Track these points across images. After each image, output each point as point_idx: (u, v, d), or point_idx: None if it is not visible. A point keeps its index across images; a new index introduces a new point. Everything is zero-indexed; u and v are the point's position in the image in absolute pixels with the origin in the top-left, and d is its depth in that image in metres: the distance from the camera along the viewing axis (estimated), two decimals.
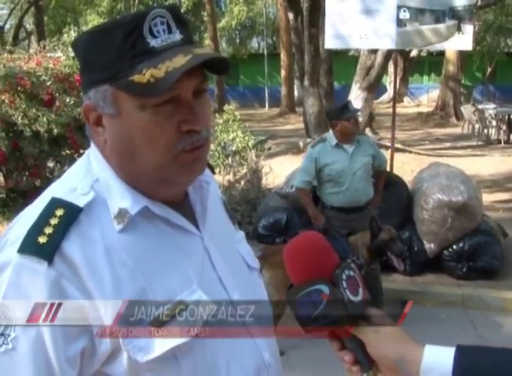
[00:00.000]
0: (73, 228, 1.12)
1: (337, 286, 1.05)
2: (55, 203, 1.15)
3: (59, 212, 1.13)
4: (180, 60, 1.10)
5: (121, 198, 1.19)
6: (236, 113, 9.32)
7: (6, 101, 7.10)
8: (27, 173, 7.82)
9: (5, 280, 1.08)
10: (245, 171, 8.82)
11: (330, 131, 5.43)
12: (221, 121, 9.03)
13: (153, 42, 1.12)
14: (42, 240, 1.09)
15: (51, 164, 7.81)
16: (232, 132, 9.04)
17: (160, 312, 1.14)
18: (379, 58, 12.39)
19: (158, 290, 1.16)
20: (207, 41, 29.93)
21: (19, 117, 7.00)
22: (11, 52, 8.24)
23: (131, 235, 1.18)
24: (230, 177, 8.82)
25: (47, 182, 7.77)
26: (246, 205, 7.82)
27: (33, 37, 18.76)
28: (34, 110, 7.05)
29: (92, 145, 1.27)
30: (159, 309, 1.15)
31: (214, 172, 1.55)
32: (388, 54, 12.18)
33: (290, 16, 14.26)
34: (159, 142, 1.15)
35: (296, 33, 14.56)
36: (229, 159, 9.03)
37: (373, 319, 1.09)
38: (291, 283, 1.11)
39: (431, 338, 4.28)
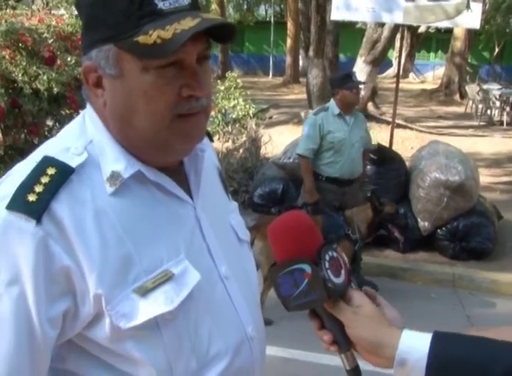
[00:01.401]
0: (64, 188, 1.11)
1: (320, 266, 1.04)
2: (47, 161, 1.13)
3: (51, 171, 1.11)
4: (188, 23, 1.08)
5: (115, 161, 1.18)
6: (239, 80, 9.27)
7: (7, 57, 7.04)
8: (25, 131, 7.80)
9: None
10: (244, 139, 8.80)
11: (332, 100, 5.43)
12: (222, 88, 8.98)
13: (160, 4, 1.10)
14: (32, 198, 1.08)
15: (50, 123, 7.78)
16: (234, 100, 9.00)
17: (145, 279, 1.15)
18: (385, 32, 12.27)
19: (145, 257, 1.16)
20: (214, 6, 29.63)
21: (20, 74, 6.95)
22: (14, 8, 8.16)
23: (123, 198, 1.17)
24: (229, 144, 8.81)
25: (45, 140, 7.76)
26: (243, 174, 7.83)
27: None
28: (34, 68, 6.99)
29: (88, 107, 1.25)
30: (144, 277, 1.15)
31: (212, 140, 1.54)
32: (395, 28, 12.06)
33: None
34: (158, 105, 1.13)
35: (304, 2, 14.40)
36: (229, 126, 9.01)
37: (354, 301, 1.08)
38: (274, 262, 1.10)
39: (420, 315, 4.36)
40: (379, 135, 9.51)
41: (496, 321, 5.03)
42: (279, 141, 9.13)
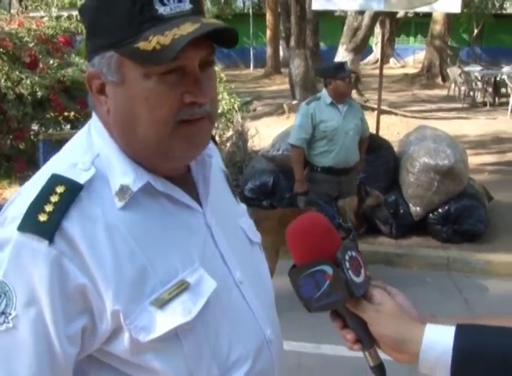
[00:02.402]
0: (74, 206, 1.10)
1: (340, 267, 1.05)
2: (55, 179, 1.12)
3: (60, 189, 1.11)
4: (188, 28, 1.07)
5: (123, 174, 1.17)
6: (222, 74, 9.23)
7: None
8: (10, 136, 7.76)
9: (6, 258, 1.07)
10: (231, 133, 8.77)
11: (324, 89, 5.42)
12: None
13: (161, 9, 1.09)
14: (43, 218, 1.07)
15: (35, 127, 7.75)
16: (218, 94, 8.96)
17: (161, 291, 1.14)
18: (366, 19, 12.29)
19: (159, 268, 1.15)
20: None
21: (2, 80, 6.92)
22: None
23: (133, 212, 1.16)
24: (216, 139, 8.78)
25: (31, 145, 7.73)
26: (232, 168, 7.79)
27: None
28: (17, 73, 6.96)
29: (94, 115, 1.24)
30: (160, 288, 1.14)
31: (216, 142, 1.53)
32: (375, 15, 12.09)
33: None
34: (160, 112, 1.12)
35: None
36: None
37: (375, 299, 1.09)
38: (294, 264, 1.11)
39: (417, 301, 4.34)
40: None
41: (493, 302, 5.09)
42: (265, 133, 9.11)
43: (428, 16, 22.39)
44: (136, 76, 1.11)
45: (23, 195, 1.14)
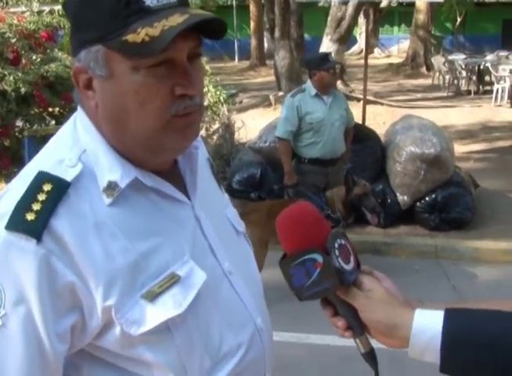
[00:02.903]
0: (62, 204, 1.09)
1: (330, 254, 1.05)
2: (42, 177, 1.11)
3: (47, 187, 1.10)
4: (177, 19, 1.06)
5: (110, 170, 1.16)
6: (207, 66, 9.21)
7: None
8: None
9: None
10: (217, 126, 8.77)
11: (308, 81, 5.43)
12: None
13: (148, 1, 1.08)
14: (30, 217, 1.06)
15: (20, 124, 7.68)
16: (204, 87, 8.94)
17: (152, 284, 1.14)
18: (350, 9, 12.27)
19: (150, 262, 1.15)
20: None
21: None
22: None
23: (121, 207, 1.15)
24: (202, 132, 8.77)
25: (16, 141, 7.67)
26: (219, 160, 7.79)
27: None
28: None
29: (80, 110, 1.22)
30: (151, 282, 1.14)
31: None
32: (359, 5, 12.07)
33: None
34: (152, 106, 1.11)
35: None
36: None
37: (365, 286, 1.09)
38: (284, 253, 1.11)
39: (406, 289, 4.36)
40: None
41: (481, 288, 5.13)
42: (252, 125, 9.11)
43: (412, 5, 22.44)
44: (125, 69, 1.10)
45: (10, 193, 1.12)
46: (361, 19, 22.48)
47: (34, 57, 7.07)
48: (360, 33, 27.61)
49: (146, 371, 1.18)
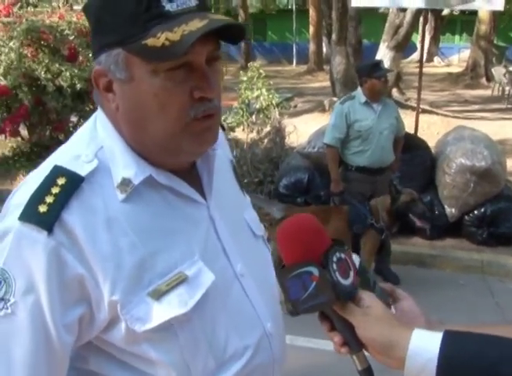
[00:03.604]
0: (74, 197, 1.12)
1: (327, 268, 1.03)
2: (57, 171, 1.15)
3: (61, 181, 1.13)
4: (196, 24, 1.08)
5: (125, 167, 1.18)
6: (261, 70, 9.21)
7: (29, 55, 7.11)
8: (50, 128, 7.88)
9: (7, 247, 1.10)
10: (268, 129, 8.77)
11: (359, 88, 5.39)
12: (245, 79, 8.95)
13: (168, 6, 1.10)
14: (43, 209, 1.09)
15: (74, 119, 7.85)
16: (257, 90, 8.95)
17: (159, 283, 1.16)
18: (408, 16, 12.10)
19: (159, 260, 1.17)
20: None
21: (43, 72, 7.02)
22: (35, 6, 8.22)
23: (134, 204, 1.17)
24: (254, 135, 8.78)
25: (70, 136, 7.85)
26: (268, 164, 7.79)
27: None
28: (57, 65, 7.06)
29: (99, 111, 1.25)
30: (158, 280, 1.16)
31: (224, 129, 1.53)
32: (418, 12, 11.89)
33: None
34: (172, 109, 1.13)
35: None
36: (253, 117, 8.97)
37: (363, 302, 1.07)
38: (283, 265, 1.10)
39: (449, 303, 4.30)
40: (405, 121, 9.35)
41: None
42: (304, 130, 9.07)
43: (474, 14, 22.00)
44: (144, 73, 1.12)
45: (26, 185, 1.16)
46: (422, 27, 22.17)
47: (90, 54, 7.21)
48: (420, 41, 27.24)
49: (150, 369, 1.19)
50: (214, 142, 1.25)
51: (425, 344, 0.99)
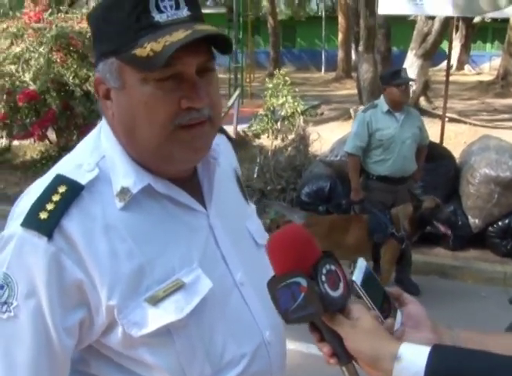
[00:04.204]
0: (74, 205, 1.16)
1: (315, 279, 1.04)
2: (58, 180, 1.19)
3: (62, 189, 1.17)
4: (179, 35, 1.10)
5: (124, 176, 1.21)
6: (287, 77, 9.23)
7: (58, 60, 7.22)
8: (77, 132, 7.99)
9: (10, 252, 1.14)
10: (293, 136, 8.77)
11: (382, 97, 5.37)
12: (270, 86, 8.97)
13: (157, 17, 1.13)
14: (43, 215, 1.13)
15: None
16: (282, 97, 8.97)
17: (157, 289, 1.18)
18: (436, 24, 11.99)
19: (156, 267, 1.19)
20: (265, 3, 29.64)
21: (71, 77, 7.13)
22: (66, 13, 8.33)
23: (133, 212, 1.20)
24: (278, 142, 8.79)
25: None
26: (291, 172, 7.80)
27: None
28: (85, 70, 7.17)
29: (103, 119, 1.29)
30: (156, 286, 1.18)
31: (230, 139, 1.55)
32: (446, 21, 11.81)
33: None
34: (158, 117, 1.16)
35: None
36: (278, 124, 8.99)
37: (353, 314, 1.08)
38: (273, 275, 1.11)
39: (470, 315, 4.24)
40: (431, 129, 9.29)
41: None
42: (328, 138, 9.05)
43: (506, 21, 21.75)
44: (135, 81, 1.15)
45: (30, 193, 1.20)
46: (454, 35, 21.99)
47: None
48: (452, 48, 27.01)
49: (147, 373, 1.22)
50: (205, 150, 1.27)
51: (412, 357, 0.99)
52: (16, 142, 9.82)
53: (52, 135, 8.76)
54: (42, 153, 8.99)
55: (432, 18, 11.80)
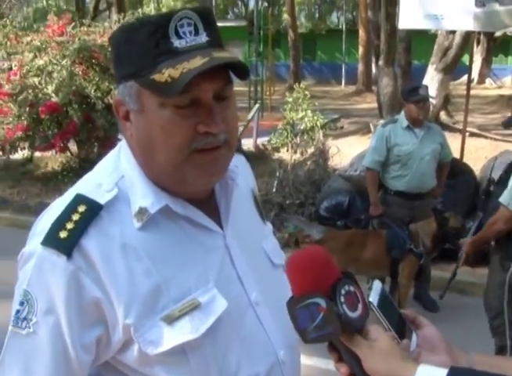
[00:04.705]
0: (93, 224, 1.18)
1: (334, 300, 1.05)
2: (78, 199, 1.21)
3: (81, 209, 1.19)
4: (196, 62, 1.12)
5: (143, 196, 1.23)
6: (307, 91, 9.26)
7: (80, 73, 7.30)
8: (97, 144, 8.06)
9: (30, 269, 1.17)
10: (312, 150, 8.78)
11: (402, 112, 5.35)
12: (290, 100, 9.00)
13: (176, 43, 1.15)
14: (63, 234, 1.16)
15: (122, 137, 7.99)
16: (302, 111, 9.01)
17: (173, 308, 1.20)
18: (457, 38, 11.96)
19: (173, 287, 1.21)
20: (285, 16, 29.75)
21: (92, 90, 7.21)
22: (88, 26, 8.44)
23: (151, 232, 1.22)
24: (297, 156, 8.81)
25: None
26: (310, 186, 7.80)
27: (113, 9, 19.05)
28: (106, 83, 7.25)
29: (124, 140, 1.31)
30: (172, 306, 1.20)
31: (248, 160, 1.56)
32: (467, 34, 11.78)
33: None
34: (174, 141, 1.17)
35: (373, 10, 14.27)
36: (297, 138, 9.01)
37: (371, 335, 1.08)
38: (292, 295, 1.12)
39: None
40: (452, 144, 9.22)
41: None
42: (348, 152, 9.05)
43: None
44: (153, 105, 1.17)
45: (50, 211, 1.23)
46: (475, 48, 21.91)
47: None
48: (473, 62, 26.93)
49: None
50: (221, 173, 1.29)
51: None
52: (37, 154, 9.95)
53: (73, 147, 8.85)
54: (63, 164, 9.08)
55: (453, 32, 11.75)
